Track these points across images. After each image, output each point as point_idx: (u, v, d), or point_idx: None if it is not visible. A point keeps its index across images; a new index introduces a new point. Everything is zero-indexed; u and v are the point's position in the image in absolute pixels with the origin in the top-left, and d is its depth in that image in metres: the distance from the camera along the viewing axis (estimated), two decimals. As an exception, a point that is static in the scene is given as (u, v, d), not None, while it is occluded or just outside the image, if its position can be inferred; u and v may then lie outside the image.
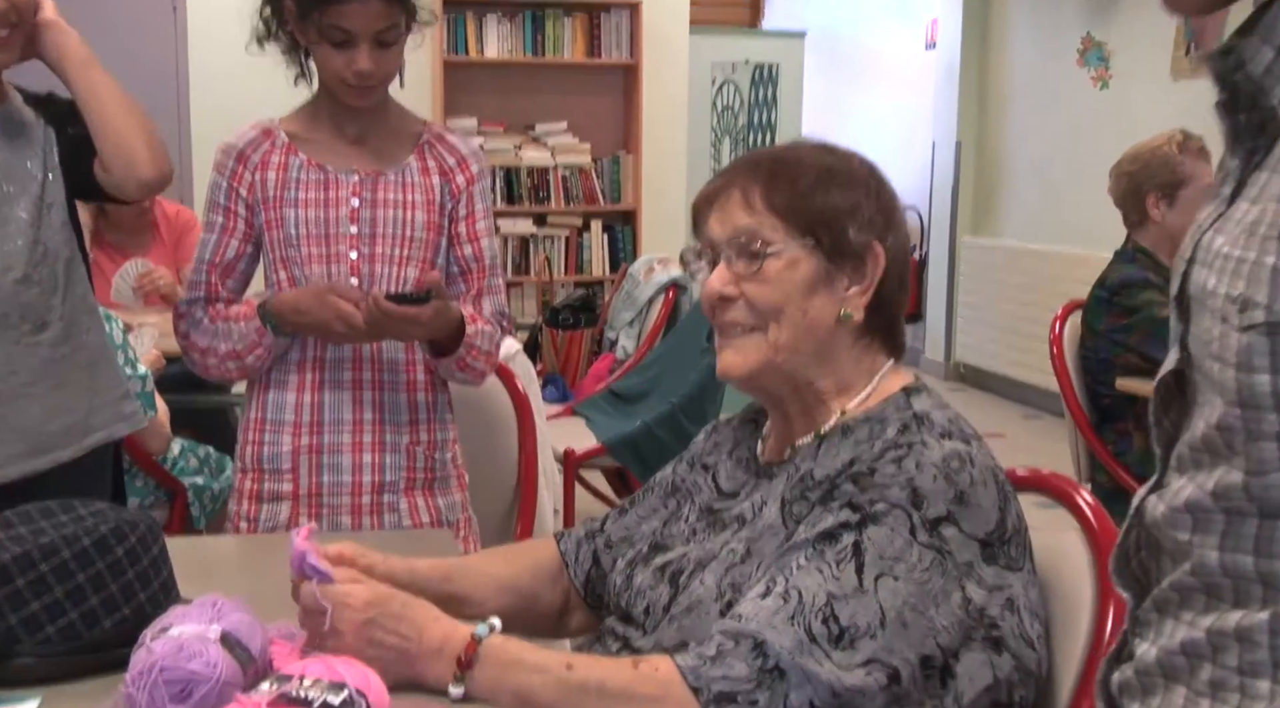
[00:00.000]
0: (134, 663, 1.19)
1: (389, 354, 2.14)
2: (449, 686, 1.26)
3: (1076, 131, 6.86)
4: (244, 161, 2.14)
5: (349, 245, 2.12)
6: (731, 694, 1.18)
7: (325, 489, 2.13)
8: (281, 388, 2.14)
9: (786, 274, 1.37)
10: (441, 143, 2.21)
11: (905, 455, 1.28)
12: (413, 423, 2.16)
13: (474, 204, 2.20)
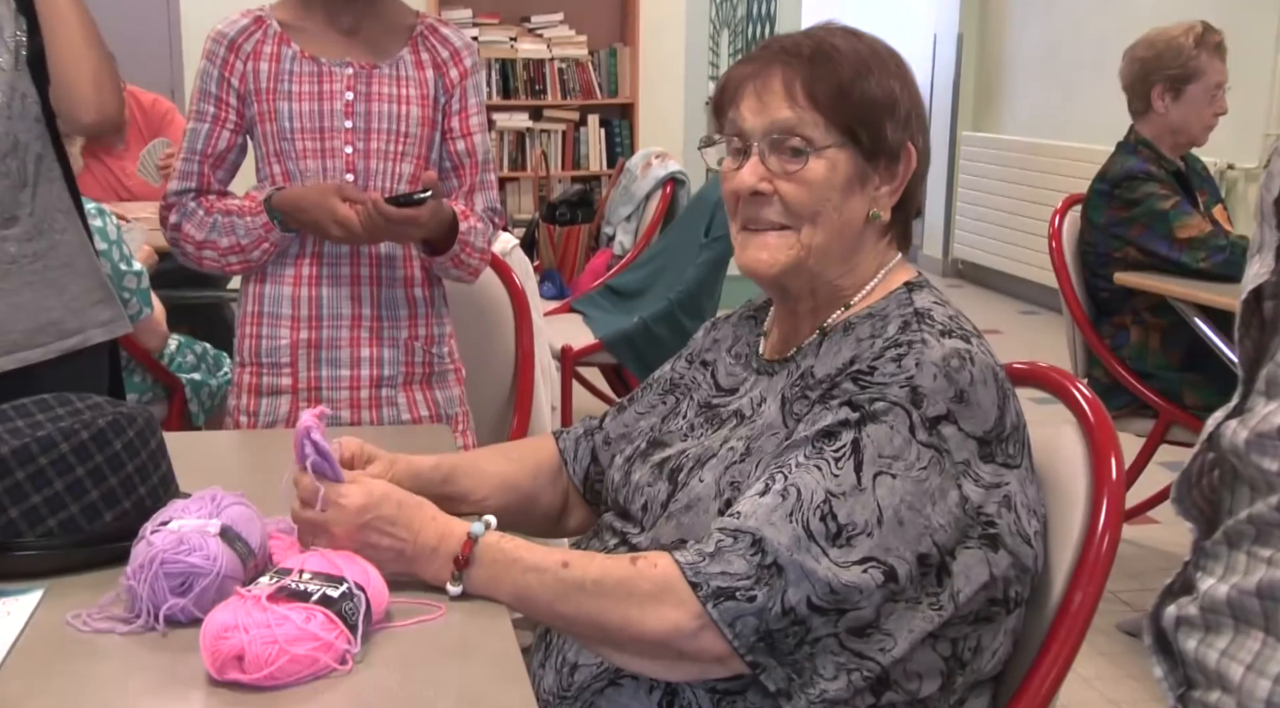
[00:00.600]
0: (134, 556, 1.20)
1: (386, 250, 2.14)
2: (447, 584, 1.27)
3: (1080, 24, 6.75)
4: (236, 51, 2.11)
5: (344, 140, 2.10)
6: (730, 590, 1.19)
7: (324, 383, 2.14)
8: (279, 282, 2.13)
9: (826, 176, 1.34)
10: (435, 35, 2.19)
11: (906, 354, 1.27)
12: (410, 318, 2.17)
13: (467, 99, 2.19)
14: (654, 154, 4.95)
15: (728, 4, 9.84)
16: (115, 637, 1.18)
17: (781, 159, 1.34)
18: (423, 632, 1.20)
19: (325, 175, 2.10)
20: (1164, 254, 3.28)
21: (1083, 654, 1.38)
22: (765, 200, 1.36)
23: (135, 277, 2.96)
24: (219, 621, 1.09)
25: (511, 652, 1.17)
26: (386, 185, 2.11)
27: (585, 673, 1.35)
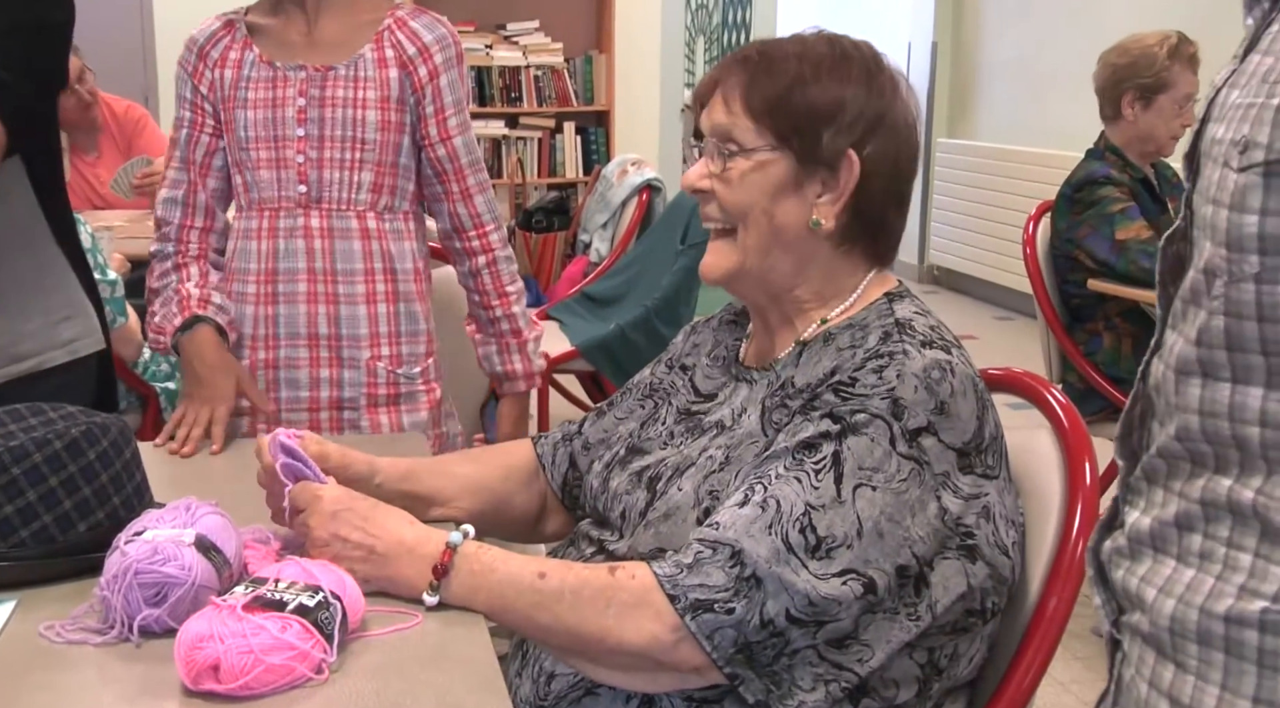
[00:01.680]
0: (108, 567, 1.20)
1: (344, 265, 2.04)
2: (423, 594, 1.26)
3: (1054, 32, 6.80)
4: (204, 58, 2.06)
5: (295, 149, 2.01)
6: (709, 603, 1.18)
7: (283, 404, 2.07)
8: (240, 300, 2.06)
9: (752, 176, 1.36)
10: (403, 29, 2.04)
11: (887, 365, 1.27)
12: (372, 337, 2.06)
13: (442, 98, 2.05)
14: (630, 161, 4.96)
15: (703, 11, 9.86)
16: (89, 648, 1.17)
17: (719, 160, 1.38)
18: (399, 641, 1.20)
19: (279, 187, 2.02)
20: (1102, 256, 3.30)
21: (1058, 659, 1.39)
22: (708, 198, 1.39)
23: (109, 286, 2.94)
24: (194, 631, 1.09)
25: (488, 660, 1.16)
26: (344, 196, 2.02)
27: (562, 682, 1.35)
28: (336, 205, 2.02)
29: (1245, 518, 0.86)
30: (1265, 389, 0.84)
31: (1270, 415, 0.83)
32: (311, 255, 2.03)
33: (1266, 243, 0.81)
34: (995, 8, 7.43)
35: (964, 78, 7.76)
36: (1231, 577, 0.86)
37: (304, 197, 2.01)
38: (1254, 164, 0.81)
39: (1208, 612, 0.87)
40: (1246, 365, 0.84)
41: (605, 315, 4.27)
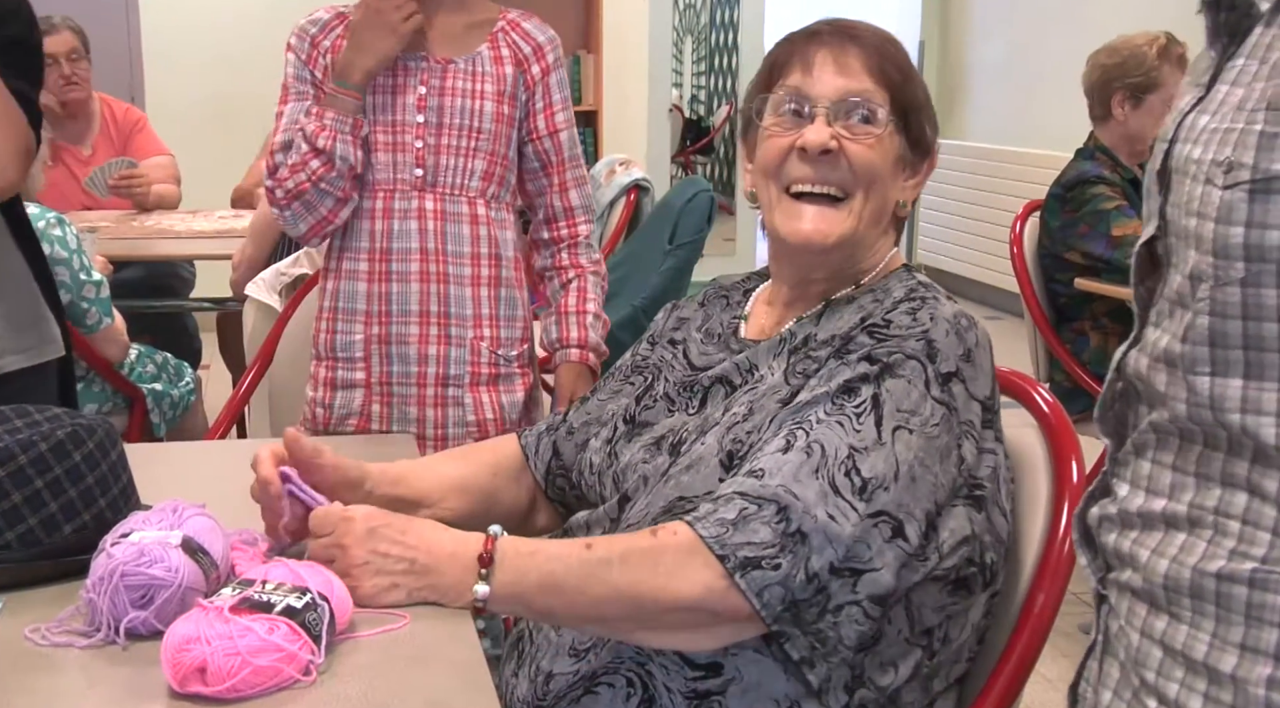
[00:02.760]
0: (94, 569, 1.19)
1: (454, 248, 2.15)
2: (474, 587, 1.24)
3: (1042, 32, 6.81)
4: (316, 46, 2.16)
5: (415, 134, 2.12)
6: (756, 560, 1.19)
7: (394, 378, 2.17)
8: (353, 278, 2.16)
9: (883, 146, 1.39)
10: (516, 30, 2.19)
11: (920, 308, 1.32)
12: (476, 318, 2.18)
13: (551, 95, 2.19)
14: (618, 162, 4.95)
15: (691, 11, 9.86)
16: (75, 651, 1.17)
17: (849, 123, 1.38)
18: (387, 641, 1.19)
19: (396, 169, 2.12)
20: (1099, 253, 3.31)
21: (1046, 656, 1.39)
22: (831, 161, 1.38)
23: (95, 286, 2.94)
24: (181, 633, 1.09)
25: (476, 660, 1.16)
26: (458, 181, 2.13)
27: (561, 682, 1.34)
28: (450, 190, 2.14)
29: (1234, 487, 0.94)
30: (1244, 380, 0.93)
31: (1249, 402, 0.93)
32: (424, 236, 2.13)
33: (1251, 251, 0.91)
34: (982, 8, 7.44)
35: (951, 78, 7.78)
36: (1223, 541, 0.94)
37: (420, 180, 2.13)
38: (1239, 182, 0.91)
39: (1200, 570, 0.95)
40: (1226, 360, 0.93)
41: (593, 315, 4.26)
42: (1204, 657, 0.95)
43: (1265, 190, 0.90)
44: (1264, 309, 0.91)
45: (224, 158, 5.49)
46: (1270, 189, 0.90)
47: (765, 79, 1.45)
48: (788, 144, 1.39)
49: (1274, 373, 0.91)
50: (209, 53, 6.08)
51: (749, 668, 1.27)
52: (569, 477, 1.57)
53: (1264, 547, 0.93)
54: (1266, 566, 0.92)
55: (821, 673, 1.23)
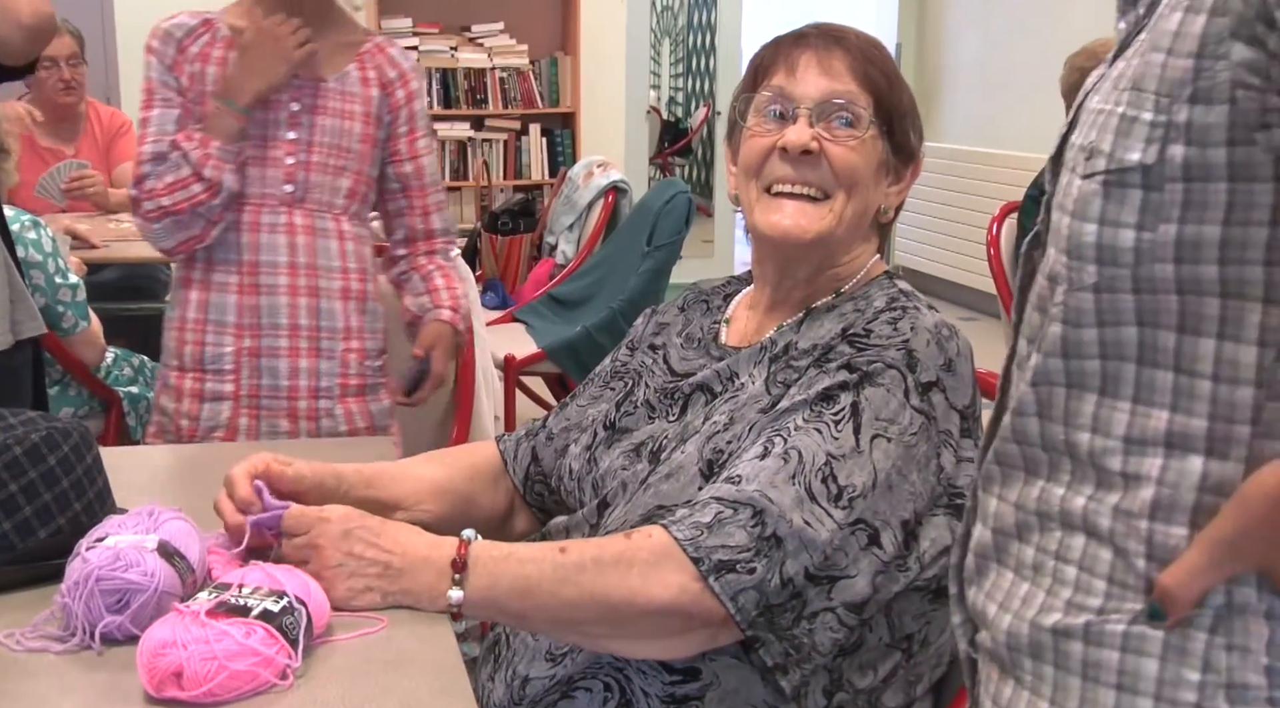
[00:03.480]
0: (69, 573, 1.18)
1: (323, 262, 2.15)
2: (447, 592, 1.24)
3: (1018, 33, 6.84)
4: (183, 52, 2.11)
5: (286, 150, 2.11)
6: (731, 564, 1.19)
7: (263, 391, 2.16)
8: (222, 290, 2.14)
9: (865, 148, 1.38)
10: (382, 54, 2.20)
11: (901, 318, 1.32)
12: (345, 330, 2.19)
13: (415, 121, 2.21)
14: (596, 163, 4.96)
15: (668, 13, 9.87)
16: (50, 656, 1.16)
17: (830, 126, 1.38)
18: (364, 645, 1.19)
19: (266, 184, 2.11)
20: None
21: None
22: (812, 162, 1.38)
23: (70, 289, 2.92)
24: (157, 637, 1.08)
25: (454, 663, 1.16)
26: (325, 198, 2.14)
27: (537, 686, 1.34)
28: (318, 206, 2.14)
29: (1074, 529, 0.86)
30: (1099, 395, 0.85)
31: (1101, 421, 0.84)
32: (294, 251, 2.14)
33: (1103, 253, 0.82)
34: (959, 10, 7.47)
35: (927, 80, 7.80)
36: (1060, 591, 0.86)
37: (289, 196, 2.12)
38: (1095, 172, 0.82)
39: (1037, 625, 0.87)
40: (1082, 372, 0.85)
41: (571, 317, 4.26)
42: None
43: (1120, 183, 0.81)
44: (1121, 314, 0.82)
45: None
46: (1124, 182, 0.81)
47: (750, 80, 1.45)
48: (769, 144, 1.39)
49: (1129, 390, 0.83)
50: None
51: (726, 673, 1.27)
52: (548, 482, 1.57)
53: (1099, 597, 0.84)
54: (1101, 617, 0.84)
55: (795, 680, 1.23)
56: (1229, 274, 0.78)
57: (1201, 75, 0.77)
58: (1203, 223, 0.78)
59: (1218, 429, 0.79)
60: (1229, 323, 0.78)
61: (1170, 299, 0.80)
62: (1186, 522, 0.81)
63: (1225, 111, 0.76)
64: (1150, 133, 0.79)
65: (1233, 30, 0.75)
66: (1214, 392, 0.79)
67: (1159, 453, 0.82)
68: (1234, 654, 0.79)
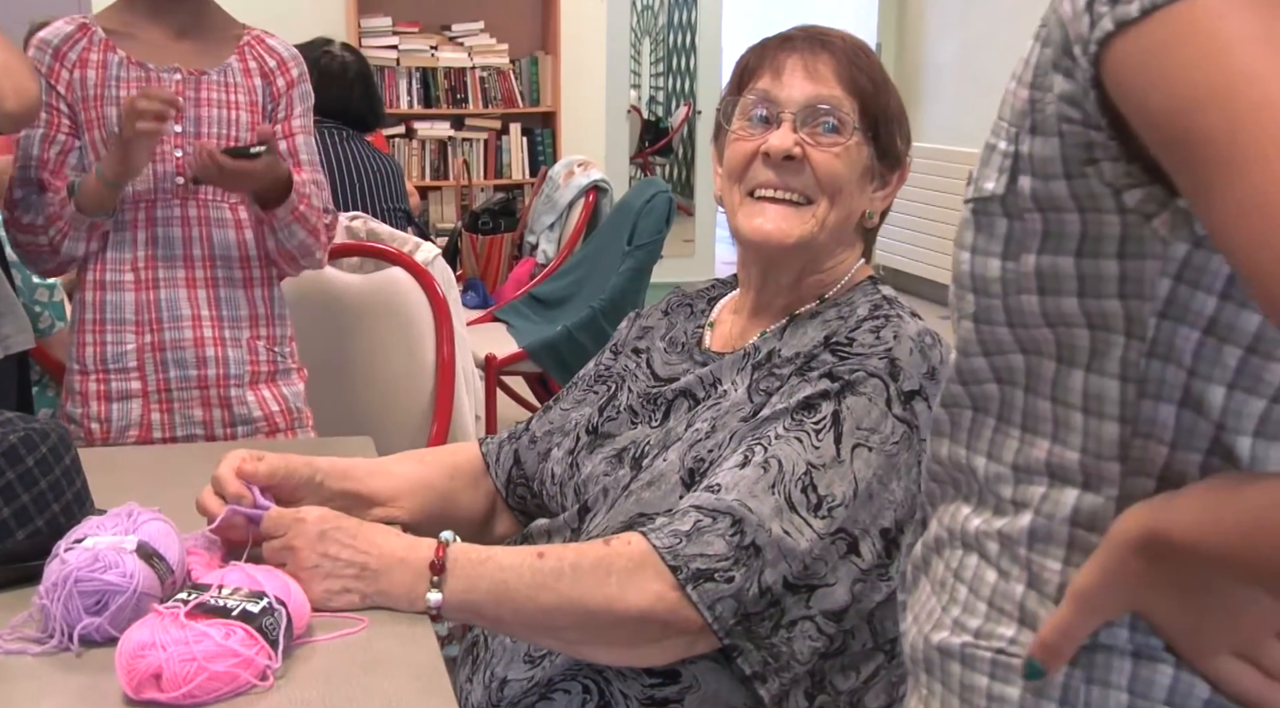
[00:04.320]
0: (48, 575, 1.18)
1: (220, 253, 2.15)
2: (426, 594, 1.23)
3: (997, 34, 6.86)
4: (61, 59, 2.10)
5: (174, 144, 2.10)
6: (709, 572, 1.19)
7: (173, 384, 2.14)
8: (118, 289, 2.12)
9: (849, 154, 1.38)
10: (262, 45, 2.22)
11: (884, 326, 1.32)
12: (251, 318, 2.19)
13: (294, 106, 2.23)
14: (576, 162, 4.95)
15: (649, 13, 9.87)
16: (28, 658, 1.15)
17: (814, 131, 1.37)
18: (345, 646, 1.19)
19: (156, 179, 2.10)
20: None
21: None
22: (795, 167, 1.37)
23: (47, 290, 2.90)
24: (136, 639, 1.07)
25: (434, 664, 1.16)
26: (218, 192, 2.13)
27: (515, 688, 1.34)
28: (213, 196, 2.14)
29: (969, 549, 0.86)
30: (996, 421, 0.84)
31: (995, 447, 0.84)
32: (189, 243, 2.13)
33: (976, 281, 0.82)
34: (939, 10, 7.49)
35: (908, 79, 7.82)
36: (951, 609, 0.87)
37: (180, 188, 2.12)
38: (969, 199, 0.82)
39: (928, 640, 0.88)
40: (983, 395, 0.85)
41: (552, 317, 4.26)
42: None
43: (985, 211, 0.81)
44: (1002, 343, 0.82)
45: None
46: (989, 210, 0.81)
47: (736, 83, 1.45)
48: (753, 148, 1.39)
49: (1018, 417, 0.83)
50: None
51: (706, 676, 1.27)
52: (530, 486, 1.57)
53: (979, 618, 0.84)
54: (976, 641, 0.84)
55: (774, 688, 1.23)
56: (1089, 306, 0.77)
57: (1035, 106, 0.76)
58: (1058, 254, 0.77)
59: (1088, 463, 0.79)
60: (1096, 355, 0.77)
61: (1044, 331, 0.79)
62: (1061, 555, 0.80)
63: (1057, 144, 0.75)
64: (1002, 162, 0.79)
65: (1054, 61, 0.74)
66: (1085, 424, 0.79)
67: (1042, 482, 0.81)
68: (1094, 689, 0.79)
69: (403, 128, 6.51)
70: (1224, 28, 0.64)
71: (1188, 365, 0.74)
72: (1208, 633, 0.75)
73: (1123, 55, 0.68)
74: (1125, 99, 0.69)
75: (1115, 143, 0.72)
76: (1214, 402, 0.74)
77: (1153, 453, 0.76)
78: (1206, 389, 0.74)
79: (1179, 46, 0.65)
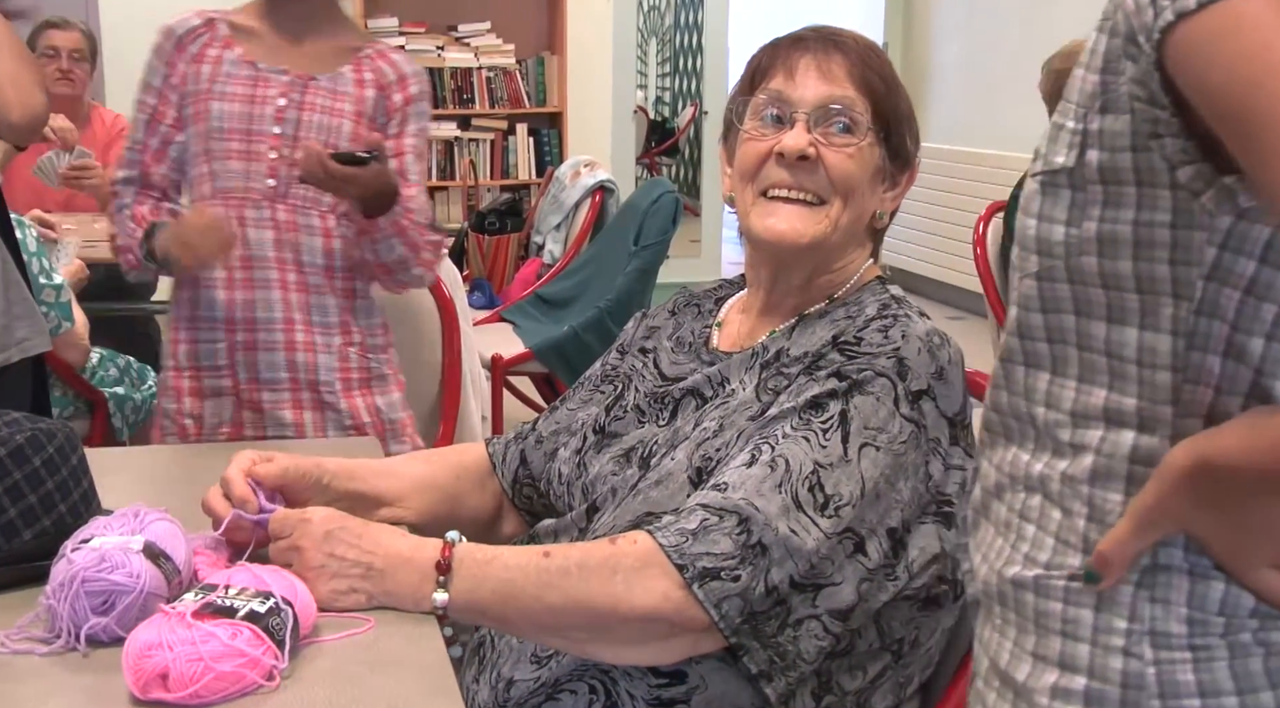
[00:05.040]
0: (54, 575, 1.18)
1: (308, 259, 2.13)
2: (432, 594, 1.23)
3: (1002, 34, 6.85)
4: (181, 50, 2.14)
5: (269, 145, 2.10)
6: (715, 571, 1.19)
7: (262, 385, 2.14)
8: (210, 286, 2.13)
9: (863, 155, 1.38)
10: (384, 59, 2.20)
11: (892, 325, 1.32)
12: (343, 325, 2.17)
13: (407, 124, 2.18)
14: (583, 163, 4.96)
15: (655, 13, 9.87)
16: (35, 658, 1.15)
17: (827, 131, 1.37)
18: (351, 646, 1.19)
19: (249, 178, 2.10)
20: None
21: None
22: (808, 167, 1.37)
23: (54, 290, 2.91)
24: (142, 639, 1.08)
25: (441, 664, 1.16)
26: (309, 195, 2.11)
27: (522, 688, 1.34)
28: (302, 202, 2.12)
29: (1032, 490, 0.96)
30: (1050, 374, 0.95)
31: (1052, 397, 0.94)
32: (280, 246, 2.12)
33: (1041, 245, 0.93)
34: (945, 9, 7.48)
35: (914, 79, 7.81)
36: (1020, 546, 0.96)
37: (272, 190, 2.10)
38: (1036, 172, 0.93)
39: (1002, 576, 0.97)
40: (1036, 352, 0.95)
41: (559, 317, 4.26)
42: (1005, 665, 0.97)
43: (1052, 183, 0.92)
44: (1060, 302, 0.92)
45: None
46: (1056, 182, 0.91)
47: (748, 83, 1.44)
48: (766, 149, 1.39)
49: (1074, 370, 0.93)
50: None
51: (713, 676, 1.27)
52: (536, 486, 1.57)
53: (1048, 552, 0.94)
54: (1048, 572, 0.93)
55: (780, 687, 1.23)
56: (1140, 270, 0.87)
57: (1107, 88, 0.87)
58: (1117, 222, 0.87)
59: (1144, 408, 0.89)
60: (1147, 314, 0.88)
61: (1098, 292, 0.90)
62: (1121, 488, 0.90)
63: (1127, 120, 0.86)
64: (1072, 139, 0.90)
65: (1123, 49, 0.86)
66: (1139, 374, 0.89)
67: (1099, 426, 0.91)
68: (1157, 606, 0.89)
69: (409, 128, 6.51)
70: (1267, 19, 0.76)
71: (1230, 321, 0.85)
72: (1249, 549, 0.86)
73: (1183, 42, 0.79)
74: (1185, 79, 0.80)
75: (1176, 120, 0.83)
76: (1254, 351, 0.85)
77: (1201, 397, 0.87)
78: (1247, 341, 0.84)
79: (1233, 35, 0.76)
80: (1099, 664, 0.91)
